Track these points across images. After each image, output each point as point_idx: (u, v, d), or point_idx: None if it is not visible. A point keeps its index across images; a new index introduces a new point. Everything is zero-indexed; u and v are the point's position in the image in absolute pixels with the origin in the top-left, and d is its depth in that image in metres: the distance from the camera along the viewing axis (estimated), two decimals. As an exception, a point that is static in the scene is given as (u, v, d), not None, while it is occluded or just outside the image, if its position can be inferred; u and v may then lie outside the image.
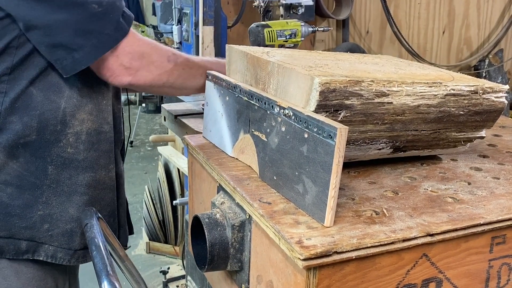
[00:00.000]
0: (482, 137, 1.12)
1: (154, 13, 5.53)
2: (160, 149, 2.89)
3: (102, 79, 1.16)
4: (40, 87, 1.12)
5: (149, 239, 3.29)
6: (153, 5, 5.45)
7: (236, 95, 1.08)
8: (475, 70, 4.18)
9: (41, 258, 1.18)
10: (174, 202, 2.05)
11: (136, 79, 1.15)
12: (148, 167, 4.90)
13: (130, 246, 1.39)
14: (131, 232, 1.45)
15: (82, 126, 1.18)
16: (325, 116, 0.88)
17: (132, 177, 4.53)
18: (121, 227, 1.36)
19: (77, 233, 1.20)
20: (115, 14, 1.10)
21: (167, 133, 3.40)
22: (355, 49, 3.46)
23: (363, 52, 3.56)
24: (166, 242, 3.28)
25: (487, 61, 4.09)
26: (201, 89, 1.29)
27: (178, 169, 2.99)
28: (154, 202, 3.21)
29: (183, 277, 2.72)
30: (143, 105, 5.82)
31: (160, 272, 2.83)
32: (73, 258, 1.20)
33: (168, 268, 2.87)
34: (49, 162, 1.15)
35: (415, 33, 3.95)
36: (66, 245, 1.20)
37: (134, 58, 1.13)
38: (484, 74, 4.13)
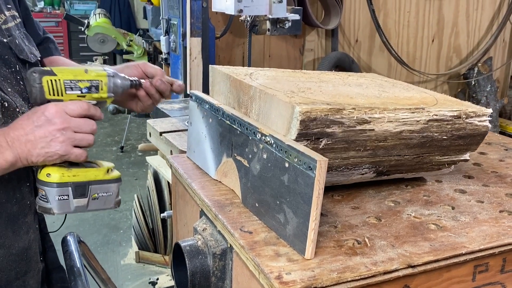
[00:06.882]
0: (466, 160, 1.12)
1: (145, 17, 5.50)
2: (149, 159, 2.85)
3: None
4: None
5: (139, 248, 3.26)
6: (144, 9, 5.43)
7: (219, 118, 1.07)
8: (465, 79, 4.20)
9: None
10: (162, 215, 2.02)
11: None
12: (138, 173, 4.85)
13: None
14: None
15: None
16: (306, 144, 0.87)
17: (123, 183, 4.49)
18: None
19: None
20: None
21: (157, 142, 3.36)
22: (344, 58, 3.46)
23: (352, 61, 3.56)
24: (155, 251, 3.26)
25: (476, 69, 4.10)
26: None
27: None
28: (143, 210, 3.18)
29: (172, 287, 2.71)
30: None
31: (149, 283, 2.80)
32: None
33: (157, 279, 2.85)
34: None
35: (405, 41, 3.96)
36: None
37: None
38: (473, 83, 4.14)
